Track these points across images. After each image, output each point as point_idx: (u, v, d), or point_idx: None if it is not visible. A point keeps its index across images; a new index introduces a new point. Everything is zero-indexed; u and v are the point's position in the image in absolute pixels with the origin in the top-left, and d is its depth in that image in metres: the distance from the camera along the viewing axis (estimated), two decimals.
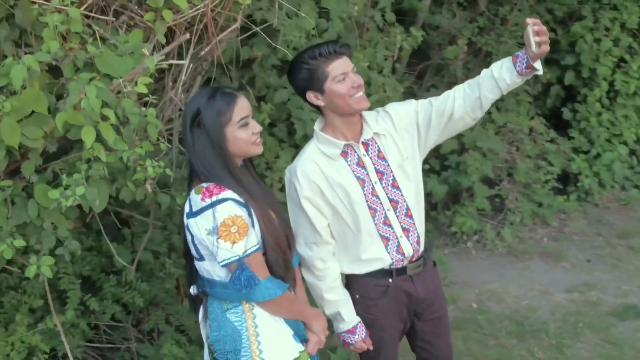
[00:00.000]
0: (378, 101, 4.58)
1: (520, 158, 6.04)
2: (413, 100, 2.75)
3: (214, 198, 2.24)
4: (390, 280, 2.72)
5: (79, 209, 2.62)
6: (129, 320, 3.93)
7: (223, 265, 2.27)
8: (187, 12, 2.52)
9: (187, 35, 2.46)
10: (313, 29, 4.25)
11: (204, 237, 2.26)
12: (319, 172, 2.61)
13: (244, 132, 2.32)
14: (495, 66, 2.57)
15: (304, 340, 2.50)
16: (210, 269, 2.34)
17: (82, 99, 2.17)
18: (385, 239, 2.67)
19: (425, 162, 6.11)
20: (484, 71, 2.60)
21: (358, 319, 2.75)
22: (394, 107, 2.73)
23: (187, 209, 2.33)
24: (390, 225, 2.67)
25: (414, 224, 2.71)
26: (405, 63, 6.00)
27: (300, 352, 2.42)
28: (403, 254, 2.69)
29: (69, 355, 2.93)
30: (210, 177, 2.29)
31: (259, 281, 2.28)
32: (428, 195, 6.17)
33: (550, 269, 5.41)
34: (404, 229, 2.69)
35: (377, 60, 4.61)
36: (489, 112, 6.13)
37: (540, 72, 2.52)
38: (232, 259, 2.25)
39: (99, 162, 2.35)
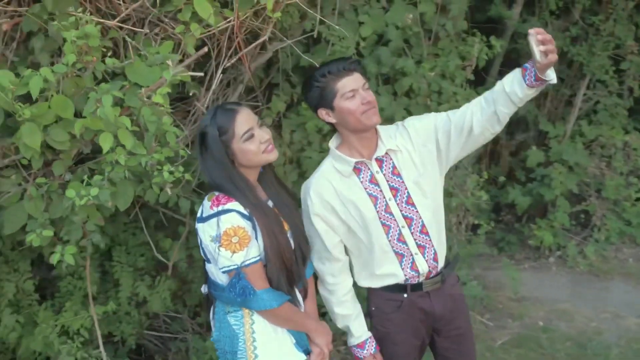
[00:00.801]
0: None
1: (610, 174, 5.80)
2: (432, 114, 2.72)
3: (220, 207, 2.34)
4: (405, 295, 2.72)
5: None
6: (186, 312, 4.14)
7: (223, 272, 2.39)
8: (214, 25, 2.65)
9: (205, 49, 2.58)
10: (380, 37, 4.29)
11: (208, 242, 2.38)
12: (331, 189, 2.64)
13: (251, 144, 2.40)
14: (506, 79, 2.49)
15: (307, 351, 2.57)
16: (215, 272, 2.46)
17: (99, 108, 2.34)
18: (400, 256, 2.67)
19: (510, 173, 6.09)
20: (498, 84, 2.52)
21: (369, 334, 2.77)
22: (412, 122, 2.72)
23: (199, 213, 2.45)
24: (404, 242, 2.66)
25: (430, 240, 2.69)
26: (496, 71, 5.91)
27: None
28: (417, 271, 2.68)
29: (99, 340, 3.14)
30: (219, 189, 2.40)
31: (255, 291, 2.37)
32: (512, 207, 6.07)
33: (630, 290, 5.18)
34: (419, 246, 2.67)
35: (450, 69, 4.57)
36: (579, 125, 5.94)
37: (554, 82, 2.41)
38: (231, 268, 2.35)
39: (120, 165, 2.52)
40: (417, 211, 2.66)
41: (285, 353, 2.48)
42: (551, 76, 2.39)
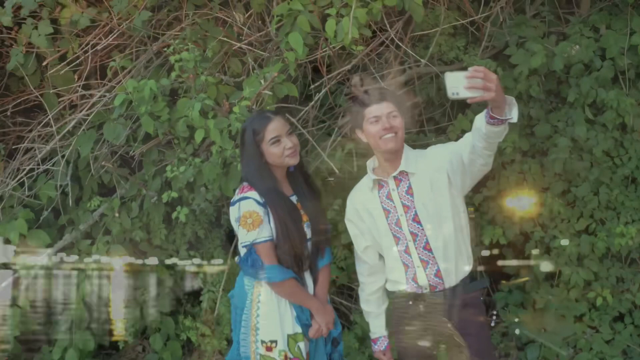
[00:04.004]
0: None
1: None
2: (452, 143, 3.02)
3: (242, 195, 3.02)
4: (410, 302, 3.05)
5: None
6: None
7: (242, 246, 3.05)
8: (303, 56, 3.31)
9: (276, 74, 3.27)
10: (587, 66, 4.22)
11: (233, 222, 3.09)
12: (361, 200, 3.12)
13: (275, 148, 3.01)
14: (479, 115, 2.68)
15: (308, 325, 3.08)
16: (238, 245, 3.11)
17: (191, 112, 3.26)
18: (406, 266, 3.03)
19: None
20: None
21: (384, 333, 3.21)
22: (433, 149, 3.05)
23: (233, 198, 3.12)
24: (410, 255, 3.01)
25: (433, 257, 2.97)
26: None
27: (296, 332, 3.04)
28: (417, 283, 3.01)
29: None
30: (247, 180, 3.07)
31: (263, 265, 2.99)
32: None
33: None
34: (422, 260, 2.99)
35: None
36: None
37: (513, 120, 2.52)
38: (246, 243, 3.01)
39: (214, 154, 3.41)
40: (422, 229, 2.99)
41: (285, 321, 3.02)
42: (509, 115, 2.54)
